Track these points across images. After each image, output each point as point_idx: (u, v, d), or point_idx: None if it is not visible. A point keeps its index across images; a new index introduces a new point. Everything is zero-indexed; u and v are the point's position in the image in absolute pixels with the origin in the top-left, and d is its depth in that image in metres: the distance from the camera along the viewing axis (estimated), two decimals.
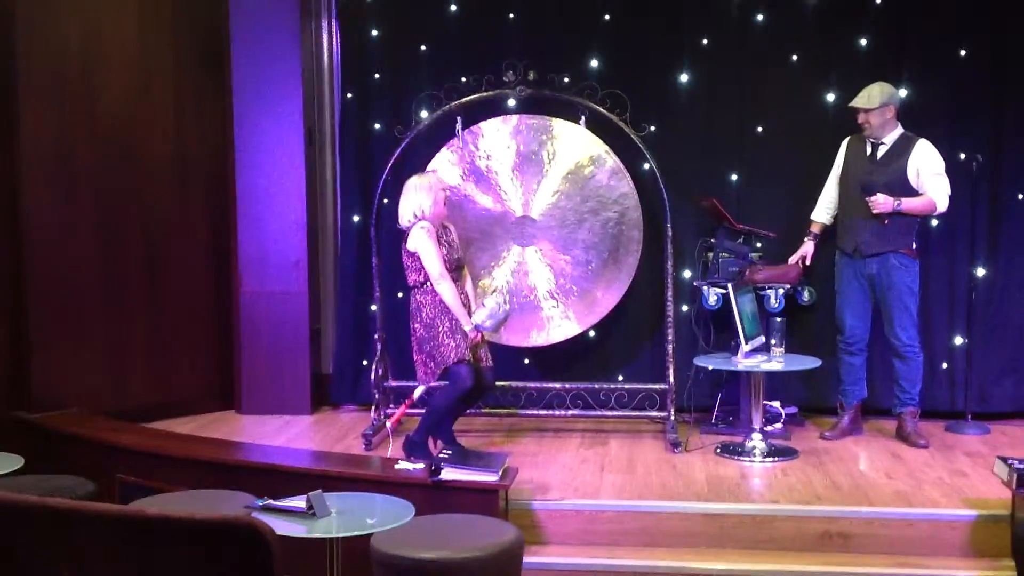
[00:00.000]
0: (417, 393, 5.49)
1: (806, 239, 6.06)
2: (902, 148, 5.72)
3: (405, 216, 5.36)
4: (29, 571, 3.14)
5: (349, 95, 6.62)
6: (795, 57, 6.29)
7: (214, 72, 6.62)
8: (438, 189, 5.40)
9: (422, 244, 5.24)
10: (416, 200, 5.33)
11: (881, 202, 5.64)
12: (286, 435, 6.10)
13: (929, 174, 5.67)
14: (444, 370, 5.29)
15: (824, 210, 6.05)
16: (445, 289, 5.25)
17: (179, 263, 6.61)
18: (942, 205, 5.69)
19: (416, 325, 5.35)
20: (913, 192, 5.69)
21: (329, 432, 6.20)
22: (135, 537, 3.03)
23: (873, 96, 5.69)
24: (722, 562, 4.55)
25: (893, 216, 5.66)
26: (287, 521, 3.78)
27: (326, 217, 6.93)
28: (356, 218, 6.60)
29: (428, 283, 5.29)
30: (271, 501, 3.98)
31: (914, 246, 5.77)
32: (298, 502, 3.92)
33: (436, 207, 5.35)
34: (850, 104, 5.77)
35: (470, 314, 5.32)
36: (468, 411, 6.01)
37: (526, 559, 4.04)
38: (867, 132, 5.76)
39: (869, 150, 5.79)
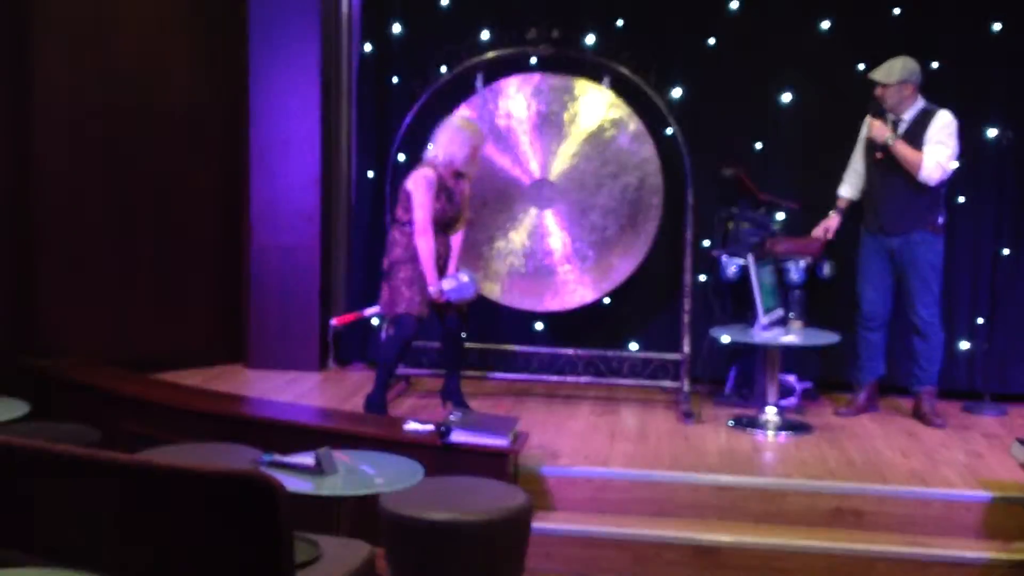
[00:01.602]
0: (369, 312, 5.60)
1: (831, 212, 5.96)
2: (922, 122, 5.60)
3: (432, 147, 5.32)
4: (33, 517, 3.12)
5: (368, 48, 6.52)
6: (826, 25, 6.16)
7: (230, 21, 6.53)
8: (476, 143, 5.35)
9: (418, 191, 5.21)
10: (451, 145, 5.27)
11: (876, 126, 5.58)
12: (294, 391, 6.05)
13: (930, 139, 5.53)
14: (390, 313, 5.36)
15: (850, 185, 5.94)
16: (422, 244, 5.24)
17: (189, 213, 6.54)
18: (927, 170, 5.49)
19: (385, 259, 5.37)
20: None
21: (337, 390, 6.15)
22: (142, 487, 3.00)
23: (892, 71, 5.56)
24: (732, 534, 4.50)
25: (917, 192, 5.55)
26: (294, 477, 3.73)
27: (340, 171, 6.84)
28: (371, 173, 6.52)
29: (409, 225, 5.25)
30: (278, 457, 3.93)
31: (940, 222, 5.66)
32: (306, 459, 3.87)
33: (466, 161, 5.29)
34: (869, 75, 5.65)
35: (444, 273, 5.33)
36: (477, 374, 6.01)
37: (534, 524, 4.00)
38: (885, 107, 5.64)
39: (890, 125, 5.67)
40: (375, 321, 5.74)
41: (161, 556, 3.00)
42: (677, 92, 5.78)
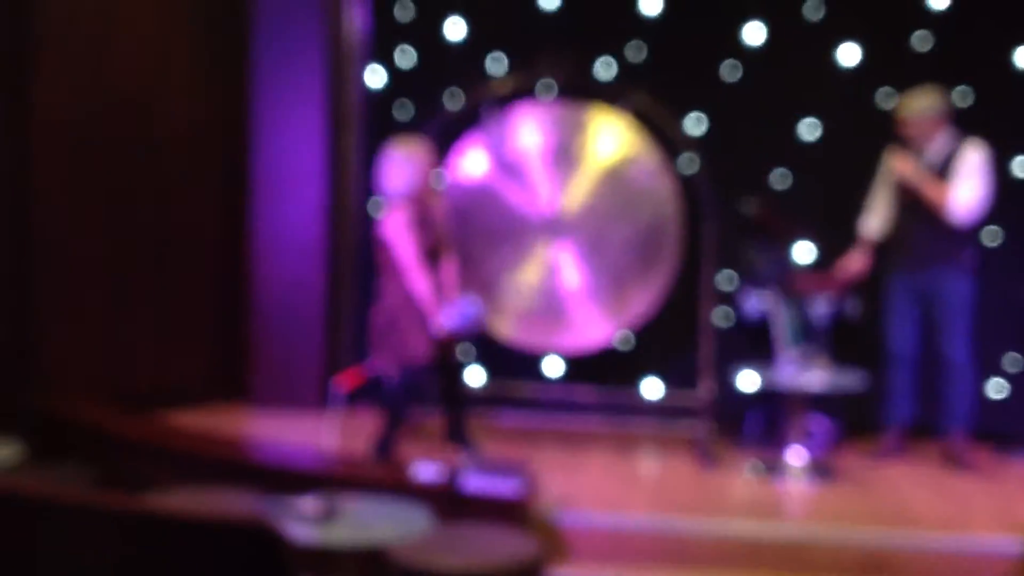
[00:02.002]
0: (373, 367, 5.22)
1: (856, 251, 5.81)
2: (950, 154, 5.47)
3: (386, 187, 5.04)
4: (31, 564, 3.06)
5: (375, 78, 6.46)
6: (846, 56, 6.05)
7: (233, 46, 6.50)
8: (425, 162, 5.07)
9: (397, 236, 4.91)
10: (400, 173, 4.99)
11: (902, 161, 5.45)
12: (297, 431, 5.92)
13: (959, 174, 5.39)
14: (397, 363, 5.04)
15: (872, 222, 5.79)
16: (417, 284, 4.94)
17: (190, 245, 6.50)
18: (954, 206, 5.34)
19: (377, 313, 5.06)
20: None
21: (344, 430, 5.99)
22: (143, 535, 2.96)
23: (918, 104, 5.45)
24: None
25: (947, 229, 5.40)
26: (299, 525, 3.67)
27: (347, 203, 6.74)
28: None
29: (395, 273, 4.99)
30: (283, 501, 3.84)
31: (971, 259, 5.52)
32: (311, 504, 3.80)
33: (420, 182, 5.02)
34: (892, 110, 5.55)
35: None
36: (489, 416, 5.87)
37: (549, 574, 3.83)
38: (911, 140, 5.52)
39: (915, 159, 5.53)
40: None
41: None
42: (695, 124, 5.67)
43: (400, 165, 5.01)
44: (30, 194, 5.91)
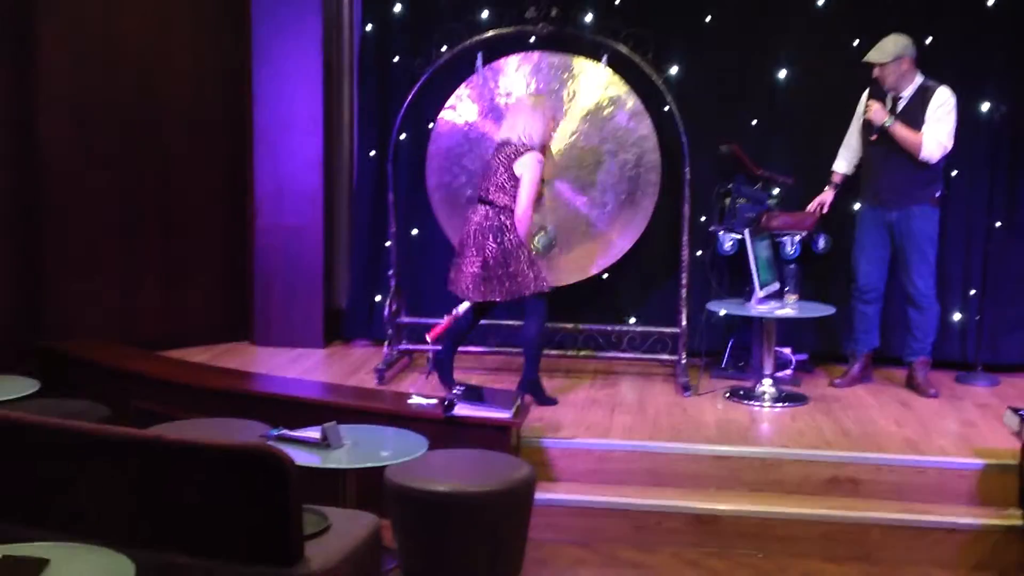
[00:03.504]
0: (463, 308, 5.47)
1: (827, 188, 6.04)
2: (921, 98, 5.64)
3: (517, 132, 5.29)
4: (48, 491, 3.21)
5: (369, 27, 6.56)
6: (821, 1, 6.20)
7: (233, 4, 6.58)
8: (551, 118, 5.39)
9: (533, 173, 5.21)
10: (530, 123, 5.28)
11: (874, 109, 5.63)
12: (299, 367, 6.14)
13: (930, 117, 5.58)
14: (517, 298, 5.29)
15: (845, 160, 6.00)
16: (525, 222, 5.26)
17: (194, 194, 6.61)
18: (927, 149, 5.55)
19: (492, 244, 5.22)
20: None
21: (342, 366, 6.24)
22: (154, 462, 3.11)
23: (886, 49, 5.59)
24: (730, 503, 4.60)
25: (916, 167, 5.62)
26: (301, 451, 3.84)
27: (342, 151, 6.90)
28: (373, 153, 6.58)
29: (511, 211, 5.26)
30: (285, 431, 4.04)
31: (938, 195, 5.73)
32: (312, 433, 3.99)
33: (544, 136, 5.33)
34: (864, 59, 5.68)
35: None
36: (478, 349, 6.10)
37: (537, 495, 4.07)
38: (884, 86, 5.68)
39: (889, 103, 5.72)
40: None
41: (173, 529, 3.10)
42: (675, 70, 5.81)
43: (534, 115, 5.29)
44: (38, 148, 6.01)
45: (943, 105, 5.58)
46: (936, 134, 5.56)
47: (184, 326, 6.59)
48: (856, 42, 6.06)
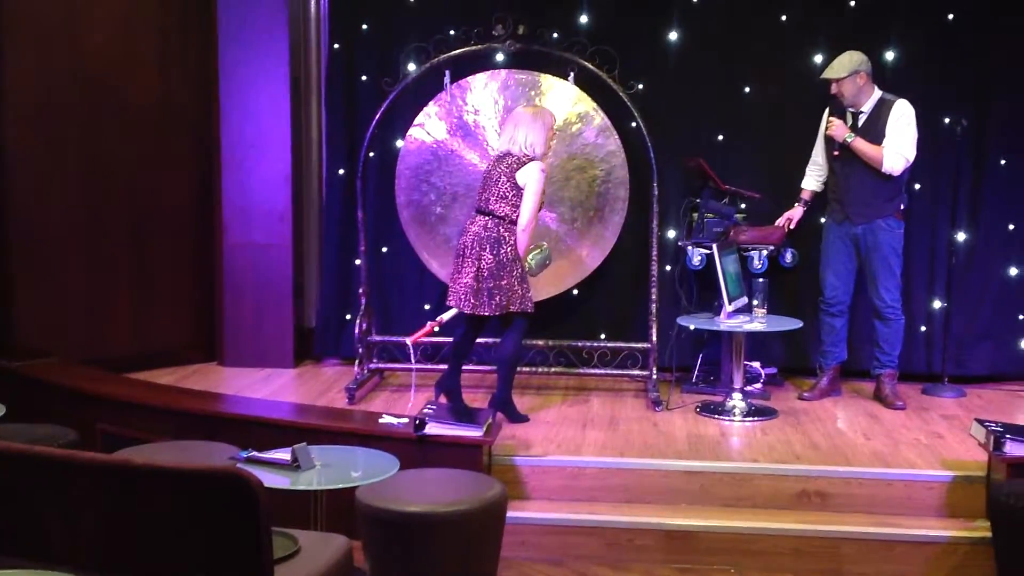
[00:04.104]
0: (448, 316, 5.44)
1: (796, 204, 6.09)
2: (880, 112, 5.70)
3: (519, 143, 5.26)
4: (15, 518, 3.16)
5: (336, 46, 6.56)
6: (784, 17, 6.26)
7: (200, 20, 6.55)
8: (552, 130, 5.38)
9: (534, 183, 5.19)
10: (532, 133, 5.25)
11: (835, 126, 5.68)
12: (269, 388, 6.11)
13: (890, 131, 5.65)
14: (504, 313, 5.28)
15: (813, 177, 6.06)
16: (526, 236, 5.25)
17: (163, 213, 6.57)
18: (889, 163, 5.62)
19: (489, 255, 5.20)
20: None
21: (312, 386, 6.21)
22: (123, 486, 3.06)
23: (842, 65, 5.66)
24: (701, 519, 4.61)
25: (880, 181, 5.68)
26: (272, 473, 3.82)
27: (311, 169, 6.89)
28: (341, 171, 6.57)
29: (513, 223, 5.25)
30: (255, 453, 4.02)
31: (902, 208, 5.79)
32: (282, 454, 3.96)
33: (546, 146, 5.32)
34: (821, 76, 5.75)
35: None
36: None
37: (509, 513, 4.08)
38: (843, 102, 5.73)
39: (850, 119, 5.77)
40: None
41: (141, 554, 3.05)
42: (641, 86, 5.85)
43: (536, 125, 5.26)
44: (3, 165, 5.96)
45: (902, 117, 5.65)
46: (897, 146, 5.62)
47: (153, 346, 6.54)
48: (819, 58, 6.12)
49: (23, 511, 3.16)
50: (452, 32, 5.95)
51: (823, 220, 6.01)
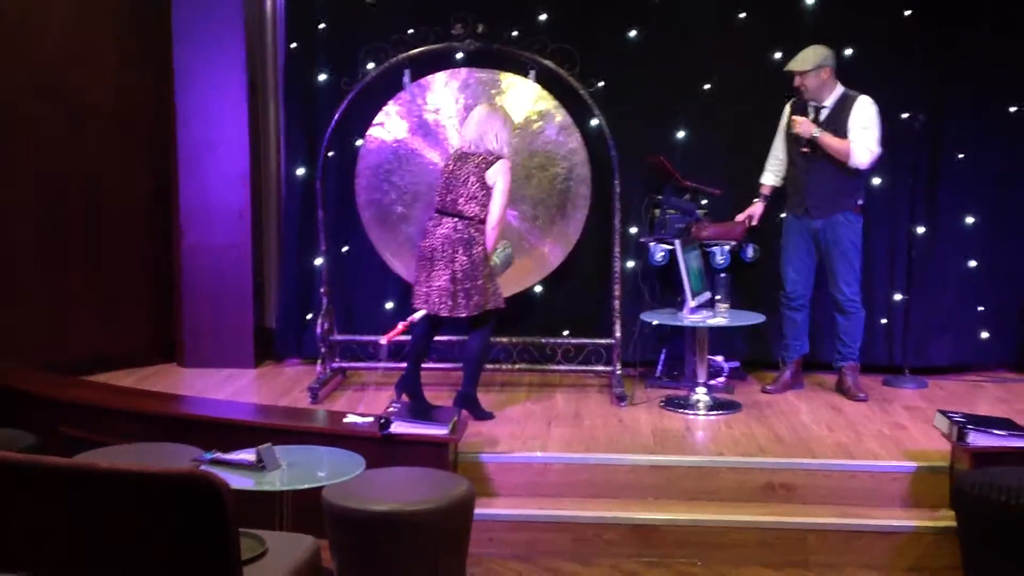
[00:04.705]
0: (418, 316, 5.38)
1: (755, 200, 6.12)
2: (843, 107, 5.75)
3: (488, 142, 5.25)
4: None
5: (294, 45, 6.52)
6: (743, 15, 6.30)
7: (155, 20, 6.49)
8: (511, 124, 5.38)
9: (504, 181, 5.19)
10: (498, 130, 5.25)
11: (800, 123, 5.72)
12: (230, 388, 6.06)
13: (855, 126, 5.69)
14: (479, 312, 5.27)
15: (772, 172, 6.09)
16: (495, 234, 5.23)
17: (120, 215, 6.51)
18: (857, 157, 5.67)
19: (463, 257, 5.18)
20: None
21: (274, 386, 6.17)
22: (85, 491, 3.00)
23: (807, 59, 5.70)
24: (668, 512, 4.62)
25: (841, 176, 5.72)
26: (236, 475, 3.79)
27: (269, 169, 6.84)
28: (300, 171, 6.52)
29: (482, 222, 5.23)
30: (220, 455, 3.97)
31: (860, 203, 5.84)
32: (247, 455, 3.93)
33: (508, 147, 5.31)
34: (785, 68, 5.79)
35: None
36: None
37: (476, 510, 4.05)
38: (805, 96, 5.77)
39: (812, 114, 5.82)
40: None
41: (105, 559, 2.99)
42: (601, 83, 5.87)
43: (496, 122, 5.26)
44: None
45: (867, 112, 5.70)
46: (865, 141, 5.67)
47: (112, 348, 6.47)
48: (778, 54, 6.17)
49: None
50: (411, 31, 5.93)
51: (783, 216, 6.04)
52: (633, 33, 6.33)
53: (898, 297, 6.34)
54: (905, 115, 6.16)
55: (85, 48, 6.31)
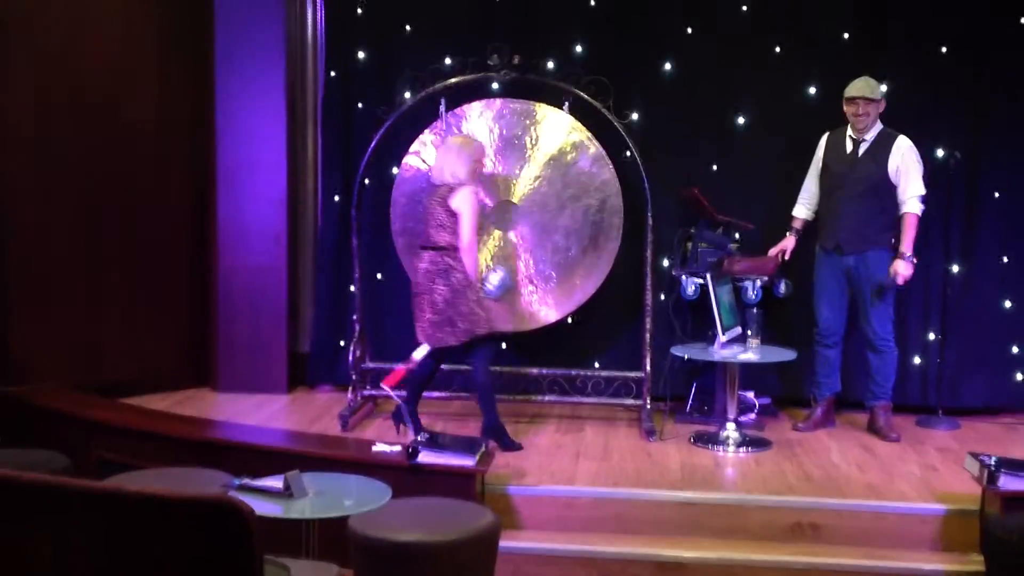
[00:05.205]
0: (419, 354, 5.43)
1: (788, 234, 6.10)
2: (883, 144, 5.73)
3: (446, 174, 5.34)
4: (4, 545, 3.16)
5: (333, 73, 6.59)
6: (778, 48, 6.31)
7: (197, 45, 6.58)
8: (478, 159, 5.44)
9: (467, 207, 5.25)
10: (455, 164, 5.33)
11: (902, 271, 5.67)
12: (262, 414, 6.09)
13: (900, 170, 5.68)
14: (469, 341, 5.29)
15: (804, 206, 6.07)
16: (471, 259, 5.28)
17: (157, 237, 6.57)
18: (914, 209, 5.70)
19: (442, 287, 5.27)
20: (892, 187, 5.71)
21: (305, 412, 6.20)
22: (114, 513, 3.01)
23: (874, 88, 5.68)
24: (695, 550, 4.59)
25: (874, 213, 5.71)
26: (264, 501, 3.80)
27: (307, 194, 6.90)
28: (337, 197, 6.58)
29: (456, 249, 5.28)
30: (248, 480, 4.00)
31: (894, 240, 5.80)
32: (275, 482, 3.94)
33: (471, 174, 5.36)
34: (851, 94, 5.71)
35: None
36: (443, 395, 6.07)
37: (502, 543, 4.04)
38: (860, 125, 5.72)
39: (850, 147, 5.80)
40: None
41: None
42: (636, 116, 5.88)
43: (458, 156, 5.34)
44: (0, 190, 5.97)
45: (911, 155, 5.70)
46: (915, 190, 5.68)
47: (147, 370, 6.52)
48: (813, 89, 6.16)
49: (11, 540, 3.07)
50: (448, 61, 5.98)
51: (816, 249, 6.02)
52: (668, 66, 6.35)
53: (932, 336, 6.29)
54: (941, 153, 6.13)
55: (128, 71, 6.39)
